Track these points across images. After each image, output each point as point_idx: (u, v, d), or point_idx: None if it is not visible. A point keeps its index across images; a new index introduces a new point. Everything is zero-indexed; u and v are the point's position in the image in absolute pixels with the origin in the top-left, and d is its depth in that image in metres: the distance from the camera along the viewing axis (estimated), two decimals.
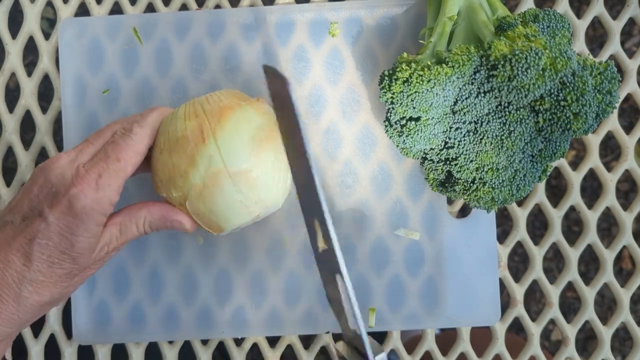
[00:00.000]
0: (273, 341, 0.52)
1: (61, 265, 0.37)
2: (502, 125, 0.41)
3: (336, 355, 0.40)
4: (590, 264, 1.06)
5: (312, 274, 0.50)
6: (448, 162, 0.44)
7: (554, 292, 0.52)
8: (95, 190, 0.37)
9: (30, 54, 0.56)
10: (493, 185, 0.43)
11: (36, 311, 0.38)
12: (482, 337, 0.54)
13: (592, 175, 0.54)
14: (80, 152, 0.39)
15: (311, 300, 0.50)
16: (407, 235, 0.49)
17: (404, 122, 0.42)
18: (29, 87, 0.53)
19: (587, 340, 1.04)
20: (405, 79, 0.40)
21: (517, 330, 0.50)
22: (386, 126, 0.44)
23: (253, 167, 0.39)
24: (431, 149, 0.44)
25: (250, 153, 0.39)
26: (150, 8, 0.53)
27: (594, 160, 0.52)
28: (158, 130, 0.41)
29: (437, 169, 0.45)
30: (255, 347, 0.52)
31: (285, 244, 0.50)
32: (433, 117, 0.41)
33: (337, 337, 0.51)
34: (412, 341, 0.78)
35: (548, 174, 0.45)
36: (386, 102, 0.42)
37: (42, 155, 0.53)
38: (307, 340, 0.52)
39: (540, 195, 0.51)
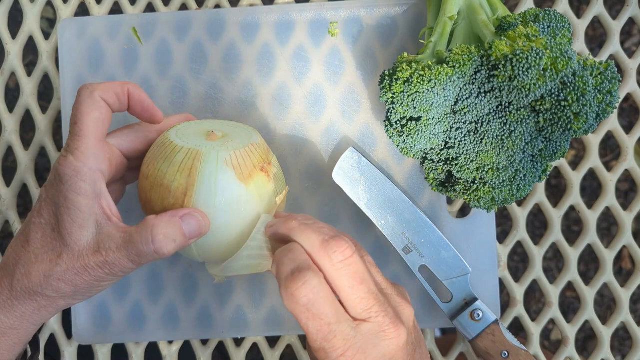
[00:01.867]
0: (273, 341, 0.52)
1: (53, 246, 0.37)
2: (502, 125, 0.41)
3: None
4: (590, 264, 1.06)
5: None
6: (448, 162, 0.44)
7: (553, 292, 0.52)
8: (66, 158, 0.37)
9: (30, 53, 0.56)
10: (493, 185, 0.43)
11: (29, 304, 0.38)
12: None
13: (592, 175, 0.54)
14: None
15: None
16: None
17: (404, 122, 0.42)
18: (29, 87, 0.53)
19: (586, 339, 1.04)
20: (405, 79, 0.40)
21: (517, 330, 0.50)
22: (386, 126, 0.44)
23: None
24: (431, 148, 0.44)
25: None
26: (150, 8, 0.53)
27: (593, 160, 0.52)
28: (152, 151, 0.40)
29: (437, 169, 0.45)
30: (255, 347, 0.52)
31: None
32: (434, 117, 0.41)
33: None
34: None
35: (548, 173, 0.45)
36: (386, 102, 0.42)
37: (42, 155, 0.53)
38: (306, 340, 0.52)
39: (540, 195, 0.51)
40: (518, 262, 1.09)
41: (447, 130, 0.43)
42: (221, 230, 0.39)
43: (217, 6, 0.53)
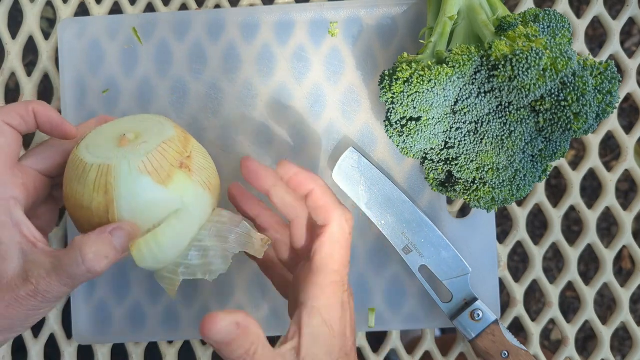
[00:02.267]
0: (273, 341, 0.52)
1: None
2: (502, 125, 0.41)
3: None
4: (590, 264, 1.06)
5: None
6: (448, 162, 0.44)
7: (553, 292, 0.52)
8: None
9: (30, 53, 0.56)
10: (493, 185, 0.43)
11: None
12: None
13: (592, 175, 0.54)
14: None
15: None
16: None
17: (404, 122, 0.42)
18: (28, 87, 0.53)
19: (586, 339, 1.04)
20: (405, 79, 0.40)
21: (517, 330, 0.50)
22: (386, 126, 0.44)
23: None
24: (431, 148, 0.44)
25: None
26: (150, 8, 0.53)
27: (593, 160, 0.52)
28: (67, 171, 0.38)
29: (437, 169, 0.45)
30: None
31: None
32: (433, 117, 0.41)
33: None
34: (412, 342, 0.78)
35: (548, 173, 0.45)
36: (386, 102, 0.42)
37: None
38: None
39: (540, 195, 0.51)
40: (518, 262, 1.09)
41: (447, 130, 0.43)
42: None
43: (217, 6, 0.53)
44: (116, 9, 0.53)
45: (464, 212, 0.51)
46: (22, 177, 0.38)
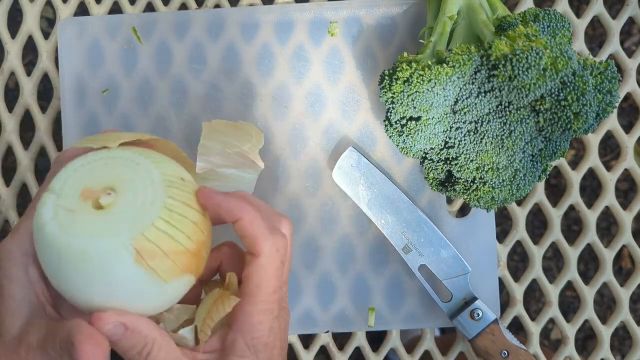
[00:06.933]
0: None
1: None
2: (502, 125, 0.41)
3: None
4: (590, 264, 1.06)
5: (312, 274, 0.50)
6: (448, 162, 0.44)
7: (553, 292, 0.52)
8: (6, 239, 0.35)
9: (30, 53, 0.56)
10: (493, 185, 0.43)
11: None
12: None
13: (591, 175, 0.54)
14: None
15: (311, 300, 0.50)
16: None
17: (404, 122, 0.42)
18: (28, 87, 0.53)
19: (586, 339, 1.04)
20: (406, 78, 0.40)
21: (517, 330, 0.50)
22: (386, 126, 0.44)
23: None
24: (431, 148, 0.44)
25: None
26: (150, 8, 0.53)
27: (593, 159, 0.52)
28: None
29: (437, 169, 0.45)
30: None
31: None
32: (434, 117, 0.41)
33: (336, 337, 0.51)
34: (412, 342, 0.78)
35: (548, 173, 0.45)
36: (386, 102, 0.42)
37: (42, 155, 0.53)
38: (307, 340, 0.52)
39: (540, 194, 0.51)
40: (518, 261, 1.09)
41: (447, 130, 0.43)
42: None
43: (217, 6, 0.53)
44: (116, 9, 0.53)
45: (464, 212, 0.51)
46: None
